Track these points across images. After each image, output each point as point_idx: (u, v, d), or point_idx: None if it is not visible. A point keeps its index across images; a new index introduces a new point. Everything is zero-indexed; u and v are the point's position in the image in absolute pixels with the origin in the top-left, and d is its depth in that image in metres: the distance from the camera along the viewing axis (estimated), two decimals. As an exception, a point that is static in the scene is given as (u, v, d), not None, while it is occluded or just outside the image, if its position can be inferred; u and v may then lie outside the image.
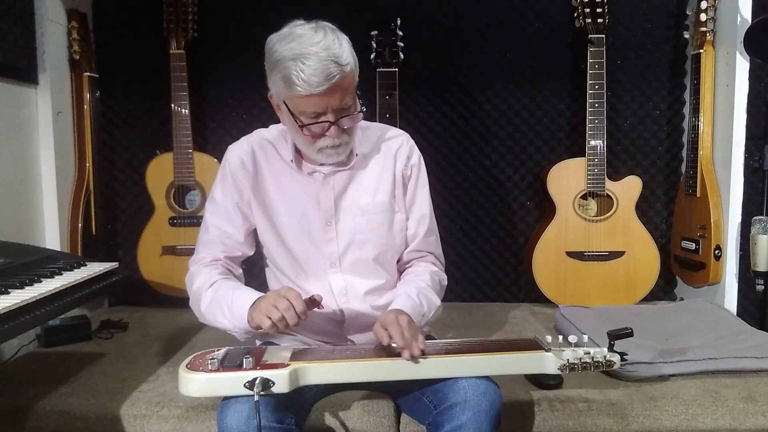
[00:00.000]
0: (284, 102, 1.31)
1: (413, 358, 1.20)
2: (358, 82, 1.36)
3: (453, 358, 1.24)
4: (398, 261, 1.54)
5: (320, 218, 1.44)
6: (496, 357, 1.25)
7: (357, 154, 1.44)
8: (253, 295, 1.32)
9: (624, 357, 1.28)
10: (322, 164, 1.43)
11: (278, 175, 1.46)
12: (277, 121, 1.47)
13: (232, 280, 1.43)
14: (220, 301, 1.34)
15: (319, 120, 1.29)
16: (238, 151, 1.47)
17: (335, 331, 1.47)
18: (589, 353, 1.25)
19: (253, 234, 1.51)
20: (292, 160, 1.43)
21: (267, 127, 1.53)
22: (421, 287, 1.43)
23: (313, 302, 1.30)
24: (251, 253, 1.51)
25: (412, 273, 1.51)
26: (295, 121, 1.30)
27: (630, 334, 1.29)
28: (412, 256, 1.54)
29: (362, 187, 1.46)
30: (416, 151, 1.52)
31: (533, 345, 1.29)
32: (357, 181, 1.46)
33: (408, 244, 1.52)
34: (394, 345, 1.21)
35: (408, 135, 1.54)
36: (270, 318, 1.22)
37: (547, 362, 1.25)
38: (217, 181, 1.48)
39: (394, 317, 1.25)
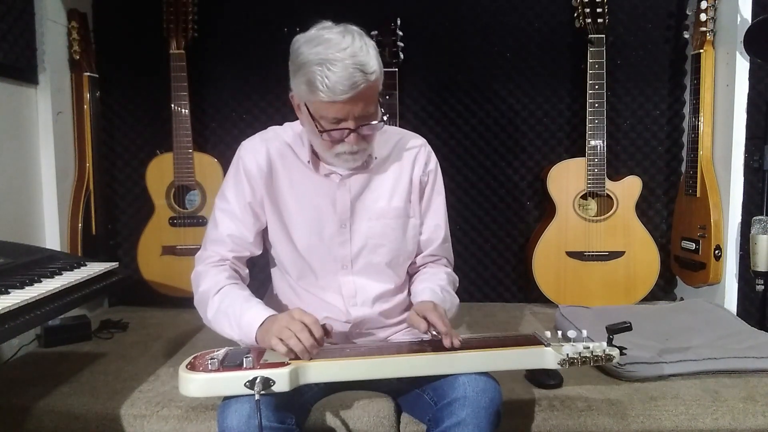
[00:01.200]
0: (305, 105, 1.29)
1: (452, 348, 1.21)
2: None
3: (453, 355, 1.24)
4: (411, 264, 1.53)
5: (335, 220, 1.43)
6: (495, 353, 1.26)
7: (375, 158, 1.42)
8: (262, 312, 1.27)
9: (623, 351, 1.28)
10: (339, 167, 1.41)
11: (294, 176, 1.43)
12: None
13: (240, 286, 1.39)
14: (228, 311, 1.32)
15: (339, 126, 1.27)
16: (252, 149, 1.43)
17: (340, 332, 1.45)
18: (588, 348, 1.26)
19: (263, 234, 1.48)
20: (309, 162, 1.41)
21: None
22: (441, 285, 1.44)
23: (326, 331, 1.26)
24: (259, 252, 1.49)
25: (428, 273, 1.51)
26: (315, 125, 1.29)
27: (629, 328, 1.29)
28: (427, 260, 1.54)
29: (379, 191, 1.44)
30: (434, 158, 1.51)
31: (533, 340, 1.30)
32: (374, 184, 1.44)
33: (422, 250, 1.51)
34: (434, 333, 1.22)
35: (426, 141, 1.52)
36: (281, 339, 1.17)
37: (547, 357, 1.26)
38: (229, 179, 1.45)
39: (432, 305, 1.26)
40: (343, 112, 1.24)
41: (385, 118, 1.34)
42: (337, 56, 1.19)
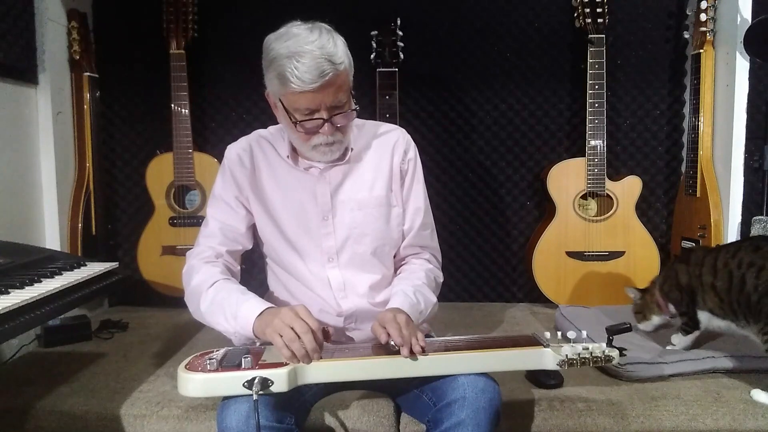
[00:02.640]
0: (280, 100, 1.32)
1: (412, 355, 1.20)
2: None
3: (452, 356, 1.24)
4: (395, 256, 1.53)
5: (317, 213, 1.45)
6: (494, 354, 1.25)
7: (352, 149, 1.45)
8: (259, 304, 1.29)
9: (623, 352, 1.28)
10: (318, 161, 1.44)
11: (275, 171, 1.47)
12: (276, 122, 1.47)
13: (233, 281, 1.41)
14: (223, 303, 1.32)
15: (313, 117, 1.31)
16: (235, 148, 1.49)
17: (334, 326, 1.45)
18: (587, 348, 1.25)
19: (254, 228, 1.50)
20: (288, 156, 1.44)
21: (267, 128, 1.54)
22: (417, 285, 1.43)
23: (325, 334, 1.26)
24: (250, 246, 1.51)
25: (407, 270, 1.51)
26: (290, 118, 1.32)
27: (629, 329, 1.28)
28: (408, 252, 1.54)
29: (359, 182, 1.46)
30: (413, 145, 1.53)
31: (532, 341, 1.29)
32: (353, 175, 1.46)
33: (404, 238, 1.52)
34: (392, 343, 1.21)
35: (403, 130, 1.54)
36: (283, 338, 1.18)
37: (546, 358, 1.25)
38: (218, 178, 1.50)
39: (392, 315, 1.25)
40: (315, 102, 1.28)
41: (357, 107, 1.36)
42: (306, 48, 1.23)
